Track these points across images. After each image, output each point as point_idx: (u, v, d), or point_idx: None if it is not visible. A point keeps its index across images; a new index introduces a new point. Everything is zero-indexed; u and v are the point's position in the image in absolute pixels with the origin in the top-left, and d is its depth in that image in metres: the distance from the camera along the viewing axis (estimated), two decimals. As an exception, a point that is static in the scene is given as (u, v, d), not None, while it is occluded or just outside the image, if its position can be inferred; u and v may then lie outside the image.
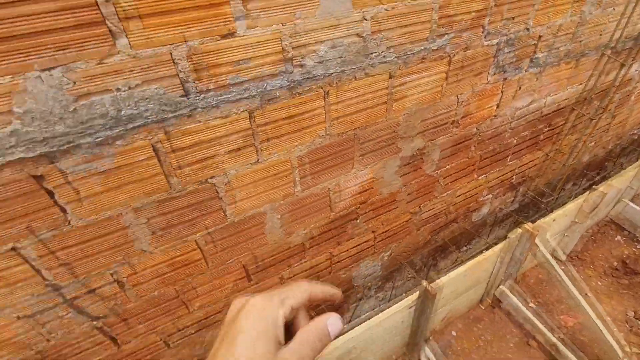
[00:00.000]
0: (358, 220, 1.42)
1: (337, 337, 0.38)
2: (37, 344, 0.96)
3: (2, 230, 0.74)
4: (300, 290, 0.38)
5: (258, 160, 0.98)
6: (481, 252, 1.68)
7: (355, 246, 1.52)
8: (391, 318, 1.38)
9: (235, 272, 1.22)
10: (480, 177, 1.77)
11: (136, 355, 1.19)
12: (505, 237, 1.73)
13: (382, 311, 1.39)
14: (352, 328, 1.37)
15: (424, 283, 1.33)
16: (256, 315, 0.34)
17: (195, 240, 1.04)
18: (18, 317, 0.89)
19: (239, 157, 0.94)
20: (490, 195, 1.95)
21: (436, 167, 1.50)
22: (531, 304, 2.07)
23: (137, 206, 0.87)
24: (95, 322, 1.02)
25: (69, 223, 0.81)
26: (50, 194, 0.75)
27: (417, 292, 1.39)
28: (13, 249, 0.77)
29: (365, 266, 1.66)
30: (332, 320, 0.38)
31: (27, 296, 0.86)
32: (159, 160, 0.83)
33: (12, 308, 0.86)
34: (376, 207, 1.43)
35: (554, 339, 1.75)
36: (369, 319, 1.37)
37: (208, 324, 1.30)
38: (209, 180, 0.94)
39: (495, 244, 1.71)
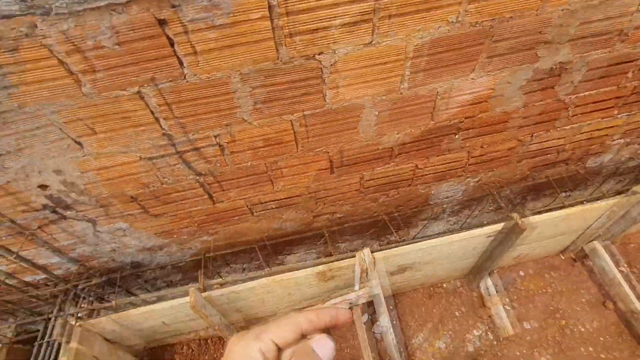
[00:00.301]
0: (457, 136, 1.29)
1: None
2: (153, 183, 1.12)
3: (130, 72, 0.79)
4: (286, 324, 0.33)
5: (371, 41, 0.87)
6: (582, 202, 1.47)
7: (444, 164, 1.42)
8: (466, 241, 1.34)
9: (320, 162, 1.23)
10: (620, 116, 1.43)
11: (226, 214, 1.35)
12: (620, 192, 1.47)
13: (452, 233, 1.35)
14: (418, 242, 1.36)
15: (516, 216, 1.22)
16: (231, 354, 0.33)
17: (291, 121, 1.03)
18: (140, 158, 1.02)
19: (352, 33, 0.84)
20: (621, 141, 1.60)
21: (572, 91, 1.23)
22: (622, 268, 1.85)
23: (245, 72, 0.86)
24: (198, 177, 1.14)
25: (185, 77, 0.83)
26: (171, 42, 0.75)
27: (502, 224, 1.29)
28: (138, 92, 0.84)
29: (448, 187, 1.58)
30: (318, 344, 0.33)
31: (147, 140, 0.97)
32: (272, 23, 0.77)
33: (136, 148, 0.99)
34: (482, 126, 1.27)
35: (639, 308, 1.59)
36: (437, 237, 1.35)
37: (287, 204, 1.39)
38: (316, 57, 0.87)
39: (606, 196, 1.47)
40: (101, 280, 1.44)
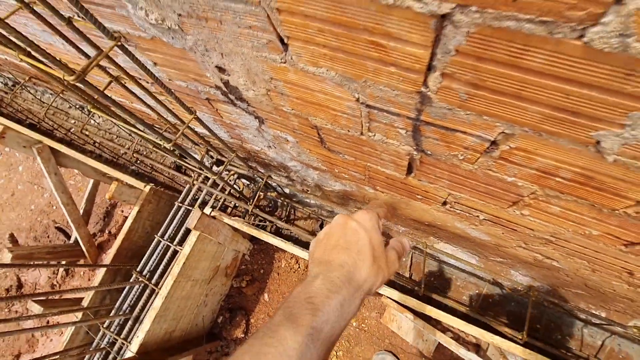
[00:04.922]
0: None
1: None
2: (349, 128, 0.73)
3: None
4: (379, 207, 0.56)
5: None
6: None
7: None
8: None
9: (628, 233, 0.64)
10: None
11: (412, 189, 0.93)
12: None
13: None
14: None
15: None
16: (358, 222, 0.49)
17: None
18: (357, 100, 0.60)
19: None
20: None
21: None
22: None
23: None
24: (414, 152, 0.69)
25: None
26: None
27: None
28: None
29: None
30: (406, 240, 0.55)
31: (387, 88, 0.53)
32: None
33: (361, 87, 0.56)
34: None
35: None
36: None
37: (503, 225, 0.90)
38: None
39: None
40: (247, 163, 1.28)
